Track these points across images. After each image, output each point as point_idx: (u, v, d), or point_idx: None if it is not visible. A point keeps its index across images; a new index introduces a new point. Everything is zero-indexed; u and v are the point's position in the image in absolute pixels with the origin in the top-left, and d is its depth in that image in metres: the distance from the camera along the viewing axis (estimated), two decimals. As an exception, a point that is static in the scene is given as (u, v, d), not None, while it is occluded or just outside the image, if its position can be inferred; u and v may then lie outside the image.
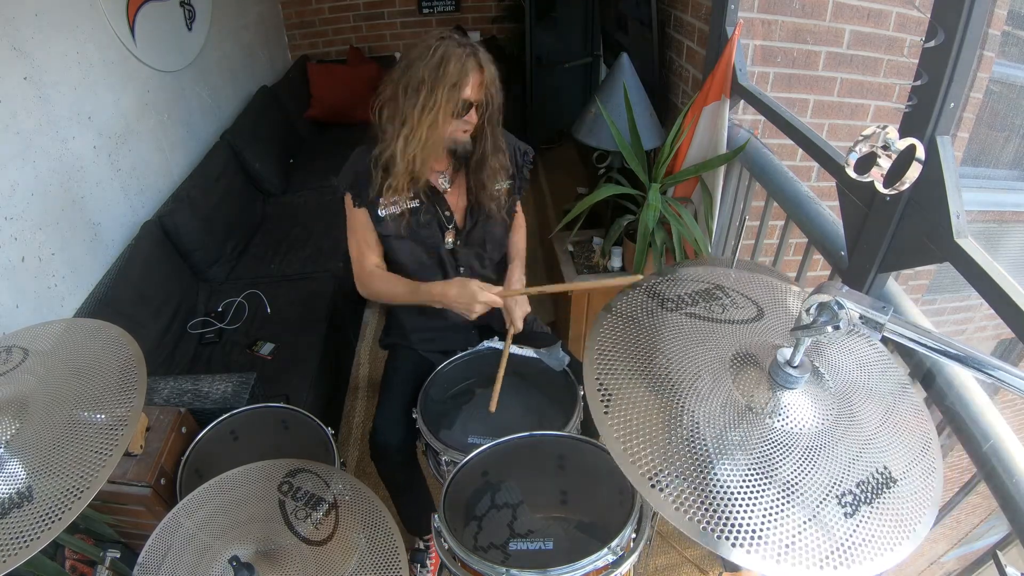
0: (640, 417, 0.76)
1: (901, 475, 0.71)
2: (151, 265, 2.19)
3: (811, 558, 0.63)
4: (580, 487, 1.20)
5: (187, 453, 1.37)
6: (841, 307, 0.67)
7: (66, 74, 2.01)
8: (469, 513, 1.16)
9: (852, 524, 0.66)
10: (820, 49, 1.88)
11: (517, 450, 1.21)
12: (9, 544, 0.77)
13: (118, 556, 1.12)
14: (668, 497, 0.68)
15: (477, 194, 1.47)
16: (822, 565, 0.63)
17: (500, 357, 1.43)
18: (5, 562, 0.76)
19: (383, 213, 1.44)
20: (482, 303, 1.37)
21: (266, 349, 2.18)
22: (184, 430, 1.43)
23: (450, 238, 1.50)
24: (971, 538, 1.88)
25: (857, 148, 1.11)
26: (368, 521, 1.01)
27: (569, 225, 2.07)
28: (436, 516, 1.07)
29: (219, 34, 3.15)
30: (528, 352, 1.48)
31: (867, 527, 0.66)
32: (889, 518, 0.67)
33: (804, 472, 0.70)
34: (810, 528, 0.65)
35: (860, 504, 0.67)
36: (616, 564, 1.00)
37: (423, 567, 1.78)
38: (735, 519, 0.66)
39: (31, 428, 0.90)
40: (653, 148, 2.06)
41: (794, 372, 0.75)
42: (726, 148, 1.88)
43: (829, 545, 0.64)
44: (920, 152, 1.02)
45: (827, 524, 0.66)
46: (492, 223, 1.52)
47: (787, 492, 0.68)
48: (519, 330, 1.51)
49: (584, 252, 2.44)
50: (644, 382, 0.80)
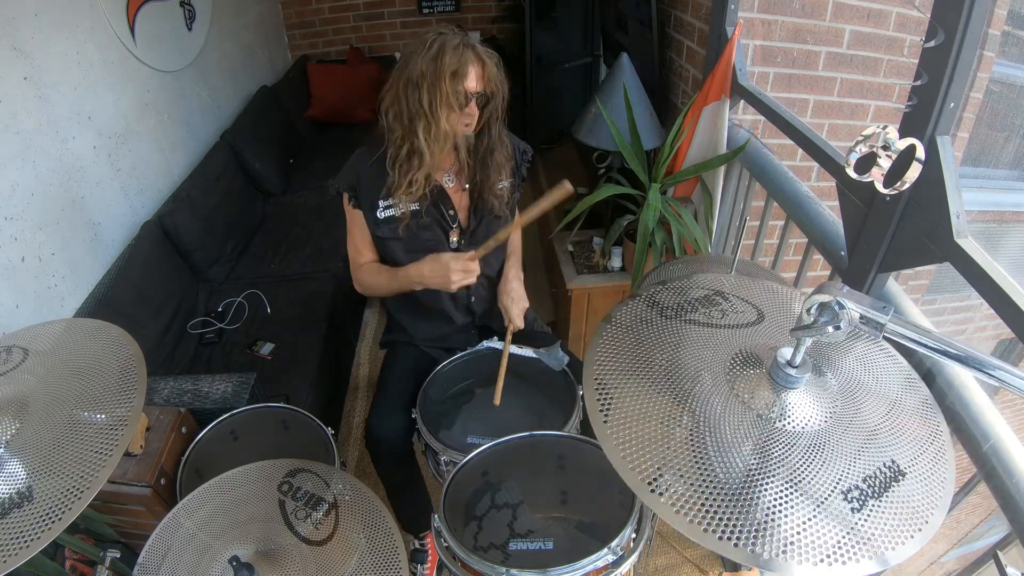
0: (639, 419, 0.76)
1: (909, 467, 0.71)
2: (151, 265, 2.19)
3: (816, 554, 0.64)
4: (580, 487, 1.20)
5: (187, 453, 1.37)
6: (841, 307, 0.67)
7: (66, 74, 2.01)
8: (469, 513, 1.16)
9: (860, 518, 0.66)
10: (820, 49, 1.88)
11: (517, 450, 1.21)
12: (9, 544, 0.77)
13: (118, 556, 1.13)
14: (668, 501, 0.68)
15: (482, 191, 1.47)
16: (830, 561, 0.63)
17: (500, 356, 1.43)
18: (5, 562, 0.76)
19: (382, 215, 1.44)
20: (457, 271, 1.34)
21: (266, 349, 2.18)
22: (184, 430, 1.43)
23: (455, 237, 1.50)
24: (971, 538, 1.88)
25: (857, 148, 1.11)
26: (368, 521, 1.01)
27: (569, 225, 2.07)
28: (436, 516, 1.07)
29: (219, 34, 3.15)
30: (528, 352, 1.48)
31: (876, 520, 0.66)
32: (900, 510, 0.67)
33: (807, 470, 0.70)
34: (814, 525, 0.65)
35: (867, 498, 0.68)
36: (616, 564, 1.00)
37: (421, 565, 1.78)
38: (736, 519, 0.66)
39: (31, 428, 0.90)
40: (653, 148, 2.06)
41: (794, 372, 0.75)
42: (726, 148, 1.88)
43: (835, 540, 0.64)
44: (920, 152, 1.02)
45: (833, 520, 0.66)
46: (497, 222, 1.52)
47: (790, 490, 0.68)
48: (519, 327, 1.51)
49: (584, 252, 2.44)
50: (643, 386, 0.80)
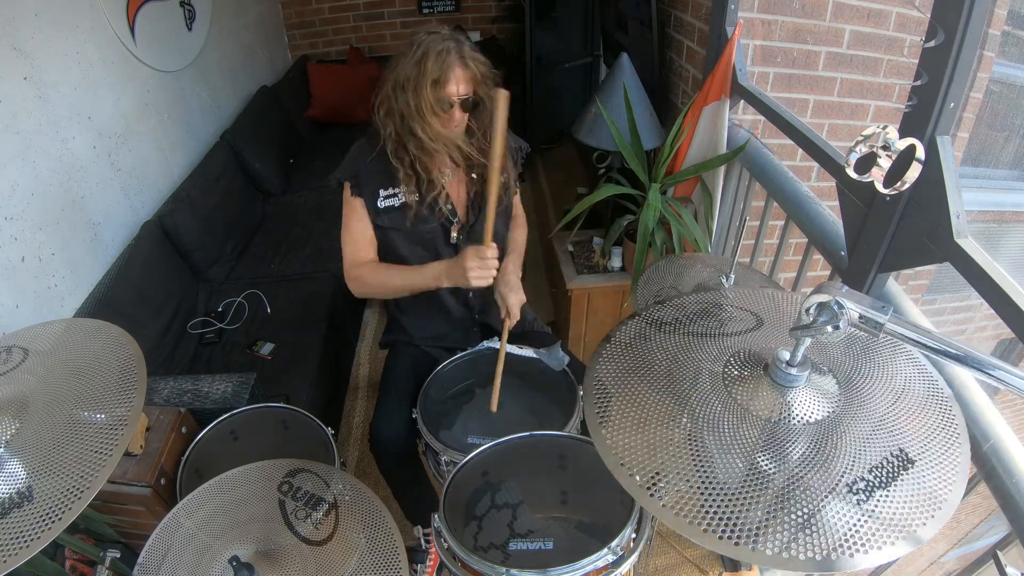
0: (638, 425, 0.77)
1: (919, 455, 0.71)
2: (151, 265, 2.19)
3: (822, 548, 0.63)
4: (580, 487, 1.20)
5: (187, 453, 1.37)
6: (841, 307, 0.67)
7: (66, 74, 2.00)
8: (469, 513, 1.16)
9: (867, 510, 0.66)
10: (820, 49, 1.88)
11: (517, 450, 1.21)
12: (9, 544, 0.77)
13: (118, 556, 1.12)
14: (668, 503, 0.68)
15: (480, 187, 1.47)
16: (835, 554, 0.63)
17: (498, 356, 1.43)
18: (5, 562, 0.76)
19: (382, 204, 1.43)
20: (477, 263, 1.32)
21: (266, 349, 2.18)
22: (184, 430, 1.43)
23: (455, 232, 1.50)
24: (971, 538, 1.88)
25: (857, 148, 1.11)
26: (368, 521, 1.01)
27: (569, 225, 2.07)
28: (436, 516, 1.07)
29: (219, 34, 3.15)
30: (528, 352, 1.48)
31: (885, 510, 0.66)
32: (910, 498, 0.67)
33: (809, 465, 0.70)
34: (818, 520, 0.65)
35: (874, 489, 0.67)
36: (616, 564, 1.00)
37: (422, 565, 1.78)
38: (737, 518, 0.66)
39: (31, 428, 0.90)
40: (653, 148, 2.06)
41: (793, 371, 0.75)
42: (726, 148, 1.88)
43: (842, 534, 0.64)
44: (920, 152, 1.02)
45: (838, 513, 0.65)
46: (496, 217, 1.51)
47: (792, 486, 0.68)
48: (516, 318, 1.47)
49: (584, 252, 2.44)
50: (642, 392, 0.81)
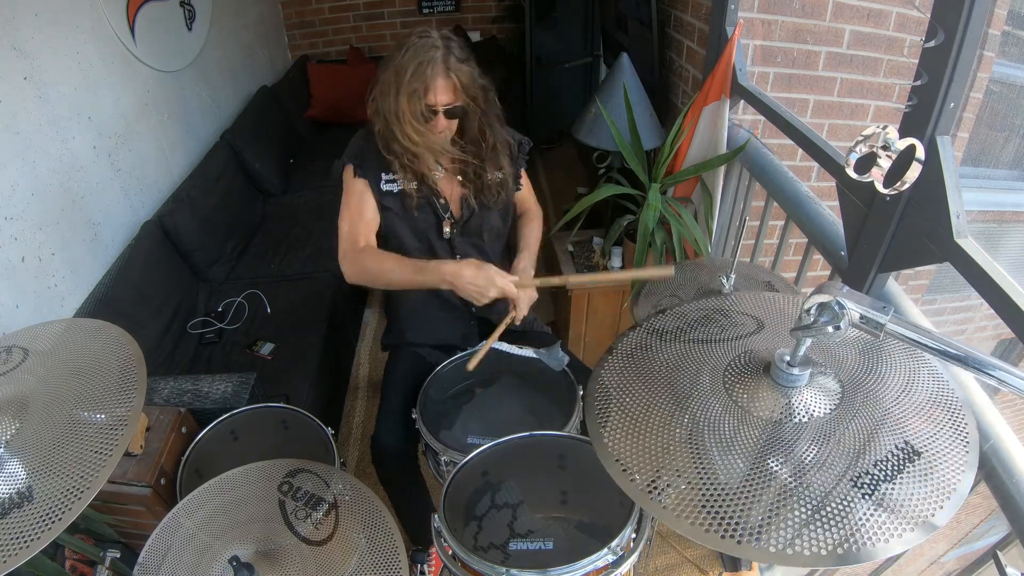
0: (638, 430, 0.77)
1: (925, 446, 0.71)
2: (151, 265, 2.19)
3: (827, 543, 0.63)
4: (580, 487, 1.20)
5: (187, 453, 1.37)
6: (841, 307, 0.67)
7: (66, 74, 2.00)
8: (469, 513, 1.16)
9: (872, 503, 0.66)
10: (820, 49, 1.88)
11: (517, 450, 1.20)
12: (9, 544, 0.77)
13: (118, 556, 1.12)
14: (670, 505, 0.68)
15: (472, 183, 1.46)
16: (840, 549, 0.63)
17: (500, 354, 1.43)
18: (5, 562, 0.76)
19: (384, 188, 1.43)
20: (499, 288, 1.30)
21: (266, 349, 2.18)
22: (184, 430, 1.43)
23: (447, 228, 1.49)
24: (971, 538, 1.88)
25: (857, 148, 1.11)
26: (368, 521, 1.01)
27: (569, 225, 2.07)
28: (436, 516, 1.07)
29: (219, 34, 3.15)
30: (528, 352, 1.48)
31: (891, 503, 0.66)
32: (917, 490, 0.67)
33: (812, 464, 0.70)
34: (822, 515, 0.65)
35: (879, 482, 0.67)
36: (616, 564, 1.00)
37: (424, 565, 1.77)
38: (740, 517, 0.66)
39: (31, 428, 0.90)
40: (653, 148, 2.06)
41: (795, 371, 0.75)
42: (726, 148, 1.88)
43: (847, 528, 0.64)
44: (920, 152, 1.02)
45: (842, 508, 0.65)
46: (489, 213, 1.51)
47: (795, 484, 0.68)
48: (523, 316, 1.45)
49: (584, 252, 2.44)
50: (642, 396, 0.81)
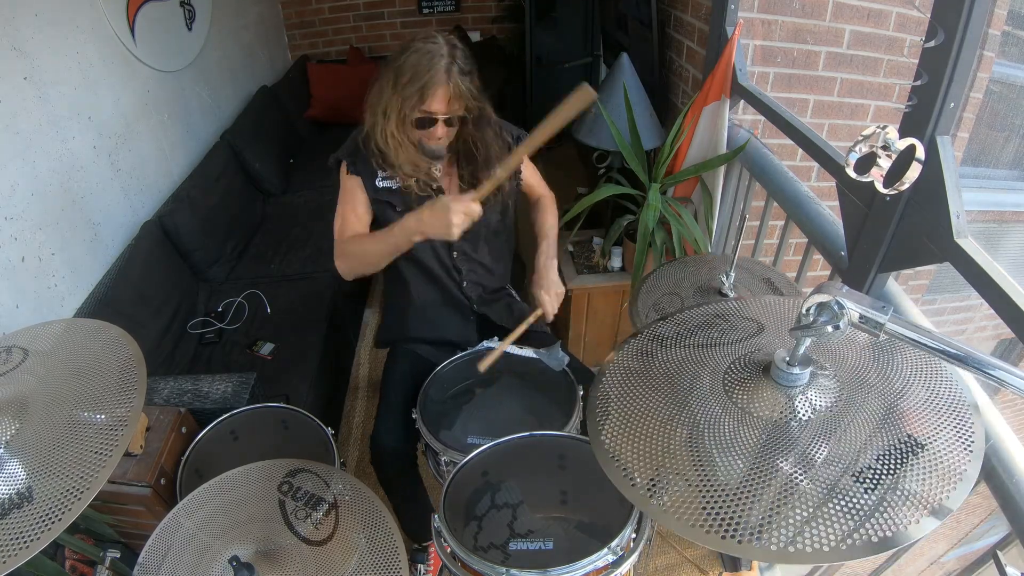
0: (638, 433, 0.77)
1: (929, 439, 0.71)
2: (151, 265, 2.19)
3: (831, 538, 0.63)
4: (580, 487, 1.20)
5: (187, 453, 1.37)
6: (841, 307, 0.67)
7: (66, 74, 2.00)
8: (469, 513, 1.16)
9: (875, 497, 0.66)
10: (820, 49, 1.88)
11: (517, 450, 1.21)
12: (9, 544, 0.77)
13: (118, 556, 1.13)
14: (671, 507, 0.68)
15: (471, 179, 1.46)
16: (844, 544, 0.63)
17: (501, 355, 1.42)
18: (5, 562, 0.76)
19: (380, 184, 1.44)
20: (459, 213, 1.23)
21: (266, 349, 2.18)
22: (184, 430, 1.43)
23: None
24: (971, 538, 1.87)
25: (857, 148, 1.11)
26: (368, 521, 1.01)
27: (569, 225, 2.07)
28: (436, 516, 1.07)
29: (219, 34, 3.15)
30: (528, 352, 1.48)
31: (896, 495, 0.66)
32: (921, 481, 0.67)
33: (813, 461, 0.70)
34: (824, 512, 0.65)
35: (881, 476, 0.67)
36: (616, 564, 1.00)
37: (423, 565, 1.77)
38: (739, 517, 0.66)
39: (31, 428, 0.90)
40: (653, 148, 2.06)
41: (795, 371, 0.75)
42: (726, 148, 1.88)
43: (851, 524, 0.64)
44: (920, 152, 1.02)
45: (844, 504, 0.65)
46: (487, 208, 1.48)
47: (795, 482, 0.68)
48: (551, 316, 1.43)
49: (584, 252, 2.44)
50: (645, 404, 0.81)
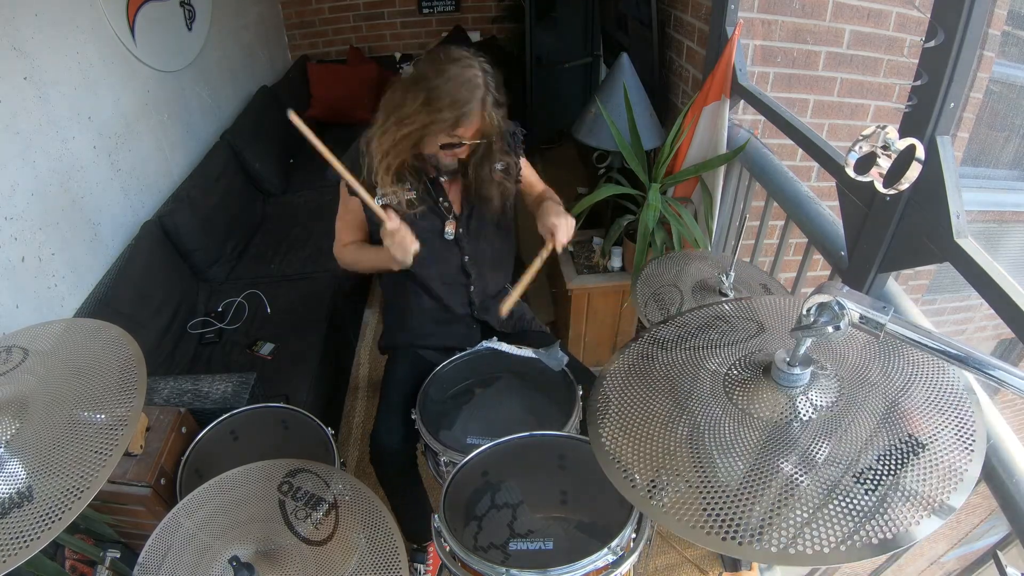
0: (638, 434, 0.77)
1: (930, 438, 0.70)
2: (151, 265, 2.19)
3: (831, 540, 0.63)
4: (580, 487, 1.20)
5: (187, 453, 1.37)
6: (841, 307, 0.67)
7: (66, 74, 2.00)
8: (469, 513, 1.16)
9: (876, 497, 0.65)
10: (820, 49, 1.88)
11: (517, 450, 1.21)
12: (9, 544, 0.77)
13: (118, 556, 1.13)
14: (671, 508, 0.68)
15: (475, 179, 1.46)
16: (844, 546, 0.63)
17: (502, 355, 1.42)
18: (5, 562, 0.76)
19: (380, 203, 1.42)
20: (408, 251, 1.34)
21: (266, 349, 2.18)
22: (184, 430, 1.43)
23: (451, 228, 1.49)
24: (971, 538, 1.88)
25: (857, 148, 1.11)
26: (368, 521, 1.01)
27: (569, 225, 2.07)
28: (436, 516, 1.07)
29: (219, 34, 3.15)
30: (527, 352, 1.48)
31: (896, 496, 0.65)
32: (922, 482, 0.66)
33: (814, 462, 0.70)
34: (824, 513, 0.65)
35: (882, 477, 0.67)
36: (616, 564, 1.00)
37: (423, 565, 1.78)
38: (739, 518, 0.66)
39: (31, 428, 0.90)
40: (653, 148, 2.06)
41: (795, 371, 0.75)
42: (726, 148, 1.88)
43: (852, 525, 0.64)
44: (920, 152, 1.02)
45: (845, 505, 0.65)
46: (490, 208, 1.50)
47: (795, 483, 0.68)
48: (564, 240, 1.40)
49: (584, 252, 2.44)
50: (645, 405, 0.81)
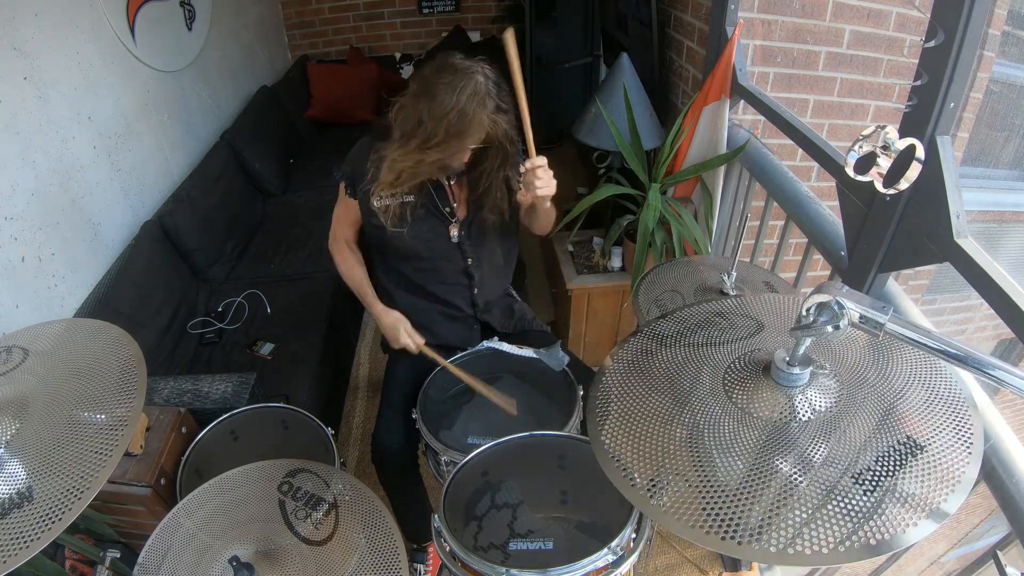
0: (638, 434, 0.77)
1: (928, 440, 0.71)
2: (151, 265, 2.19)
3: (830, 540, 0.63)
4: (580, 487, 1.20)
5: (187, 453, 1.37)
6: (841, 307, 0.67)
7: (66, 74, 2.00)
8: (469, 513, 1.16)
9: (875, 498, 0.65)
10: (820, 49, 1.88)
11: (517, 450, 1.21)
12: (9, 544, 0.77)
13: (118, 556, 1.13)
14: (671, 508, 0.68)
15: (478, 183, 1.46)
16: (843, 547, 0.63)
17: (503, 356, 1.42)
18: (5, 562, 0.76)
19: (376, 205, 1.44)
20: (405, 339, 1.53)
21: (266, 349, 2.18)
22: (184, 430, 1.43)
23: (454, 231, 1.50)
24: (971, 538, 1.87)
25: (857, 148, 1.11)
26: (368, 521, 1.01)
27: (569, 225, 2.07)
28: (436, 516, 1.07)
29: (219, 34, 3.15)
30: (528, 352, 1.48)
31: (895, 497, 0.65)
32: (920, 483, 0.67)
33: (813, 462, 0.70)
34: (823, 513, 0.65)
35: (881, 478, 0.67)
36: (616, 564, 1.00)
37: (422, 566, 1.78)
38: (739, 518, 0.66)
39: (31, 428, 0.90)
40: (653, 148, 2.06)
41: (795, 371, 0.75)
42: (726, 148, 1.88)
43: (850, 526, 0.64)
44: (920, 152, 1.02)
45: (844, 505, 0.66)
46: (492, 208, 1.49)
47: (795, 483, 0.68)
48: (540, 195, 1.36)
49: (584, 252, 2.44)
50: (644, 403, 0.81)
